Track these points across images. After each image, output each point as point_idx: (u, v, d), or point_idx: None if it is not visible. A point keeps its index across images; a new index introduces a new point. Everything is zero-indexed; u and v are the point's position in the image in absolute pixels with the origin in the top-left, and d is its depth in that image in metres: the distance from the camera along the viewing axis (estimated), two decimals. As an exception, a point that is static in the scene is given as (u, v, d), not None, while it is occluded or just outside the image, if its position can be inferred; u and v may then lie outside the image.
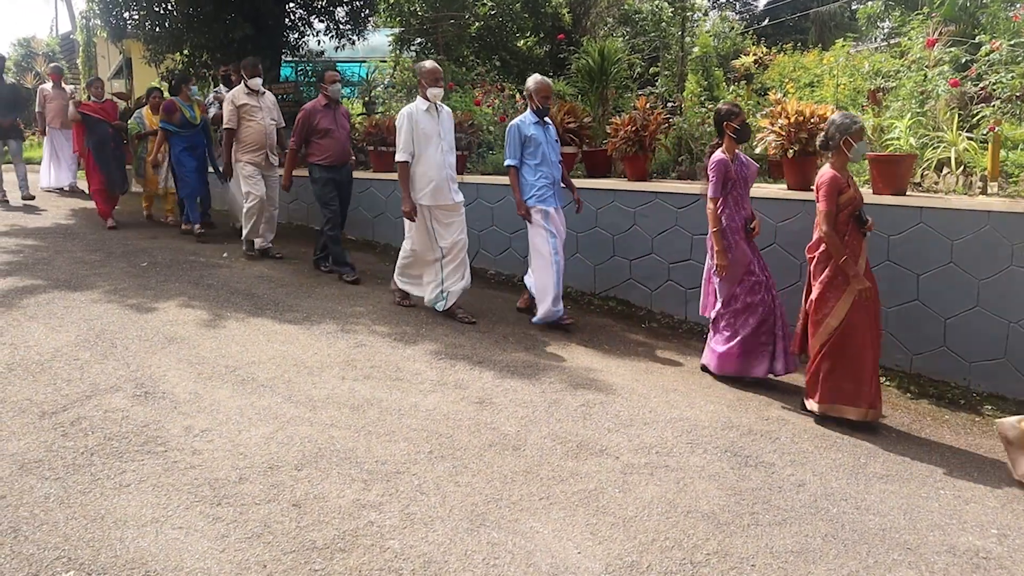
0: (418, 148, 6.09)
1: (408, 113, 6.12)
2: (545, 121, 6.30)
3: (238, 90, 7.98)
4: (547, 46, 14.24)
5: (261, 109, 7.98)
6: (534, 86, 6.20)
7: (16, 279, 6.53)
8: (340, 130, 7.43)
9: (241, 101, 7.90)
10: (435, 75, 6.16)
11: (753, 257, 5.36)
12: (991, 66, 6.46)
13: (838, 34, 18.21)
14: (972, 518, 3.64)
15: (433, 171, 6.10)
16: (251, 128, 7.91)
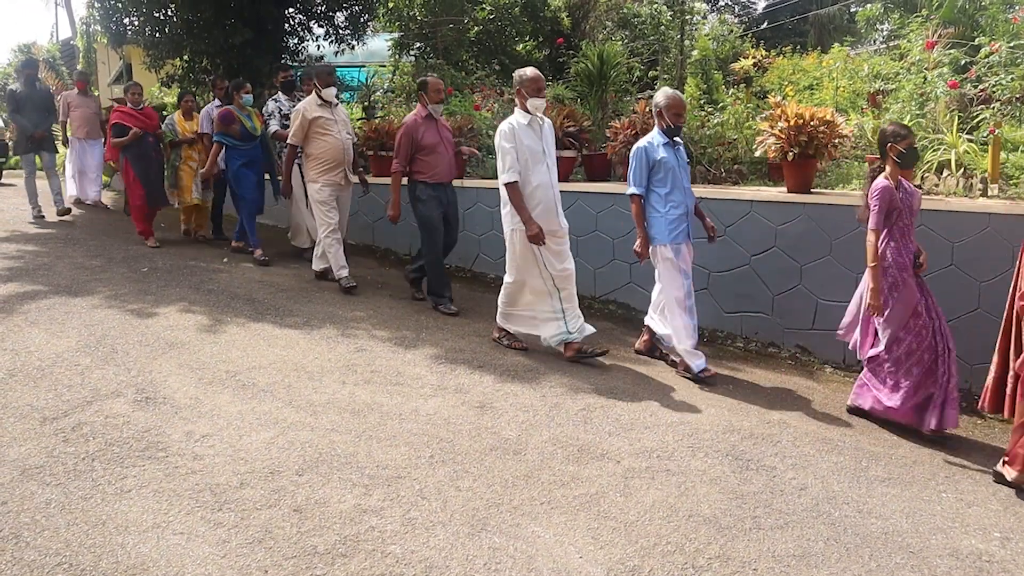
0: (523, 167, 5.41)
1: (511, 127, 5.42)
2: (676, 141, 5.52)
3: (310, 102, 7.17)
4: (546, 50, 14.26)
5: (336, 122, 7.22)
6: (665, 101, 5.42)
7: (17, 284, 6.53)
8: (445, 144, 6.64)
9: (314, 114, 7.08)
10: (538, 84, 5.49)
11: (922, 297, 4.71)
12: (990, 68, 6.47)
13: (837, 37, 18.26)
14: (975, 521, 3.64)
15: (540, 192, 5.43)
16: (326, 143, 7.11)
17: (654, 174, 5.40)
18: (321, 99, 7.13)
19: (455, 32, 13.16)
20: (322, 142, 7.11)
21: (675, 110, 5.41)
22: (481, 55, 13.66)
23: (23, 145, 9.99)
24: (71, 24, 24.71)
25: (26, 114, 9.88)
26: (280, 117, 8.41)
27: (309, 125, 7.07)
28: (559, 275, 5.49)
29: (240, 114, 7.94)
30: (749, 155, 7.11)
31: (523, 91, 5.48)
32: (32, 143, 9.93)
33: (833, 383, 5.49)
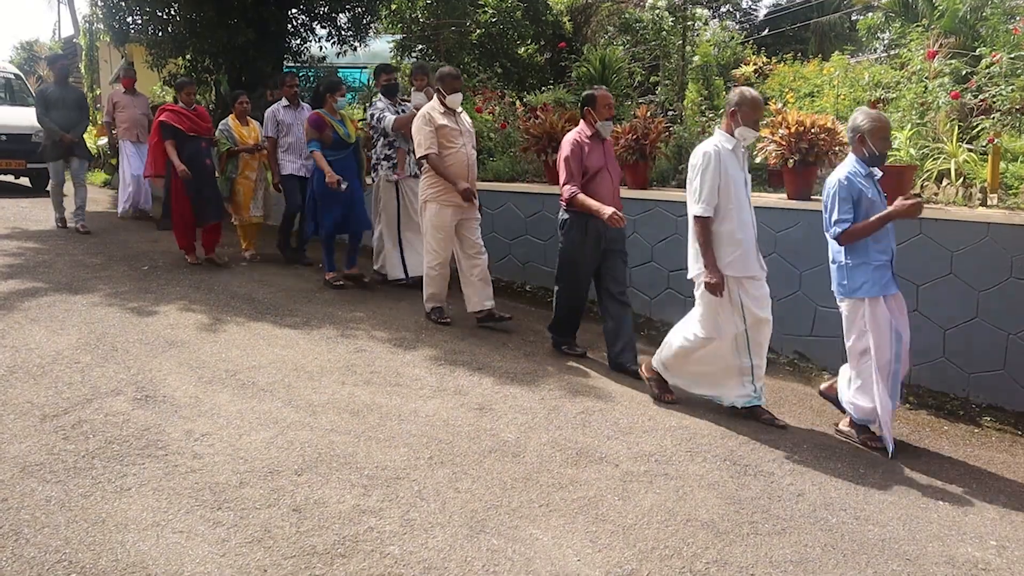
0: (723, 200, 4.61)
1: (714, 152, 4.61)
2: (875, 172, 4.59)
3: (432, 108, 6.17)
4: (548, 54, 14.28)
5: (462, 133, 6.20)
6: (870, 124, 4.44)
7: (17, 282, 6.54)
8: (611, 170, 5.59)
9: (440, 122, 6.08)
10: (758, 113, 4.72)
11: None
12: (991, 78, 6.49)
13: (838, 45, 18.30)
14: (971, 529, 3.65)
15: (742, 231, 4.64)
16: (451, 157, 6.06)
17: (857, 210, 4.41)
18: (445, 106, 6.15)
19: (457, 35, 13.19)
20: (446, 156, 6.07)
21: (882, 134, 4.46)
22: (483, 58, 13.67)
23: (53, 150, 8.98)
24: (73, 22, 24.72)
25: (57, 115, 8.91)
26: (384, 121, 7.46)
27: (435, 134, 6.04)
28: (755, 323, 4.70)
29: (332, 119, 7.08)
30: (750, 161, 7.13)
31: (738, 114, 4.65)
32: (63, 148, 8.96)
33: (831, 390, 5.50)
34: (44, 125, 8.97)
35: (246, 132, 8.10)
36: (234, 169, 8.05)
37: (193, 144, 7.61)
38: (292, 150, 8.12)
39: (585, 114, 5.54)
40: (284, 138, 8.10)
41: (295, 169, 8.11)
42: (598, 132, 5.50)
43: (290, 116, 8.15)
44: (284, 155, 8.13)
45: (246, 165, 8.07)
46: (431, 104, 6.25)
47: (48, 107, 8.89)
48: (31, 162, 11.76)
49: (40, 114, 8.93)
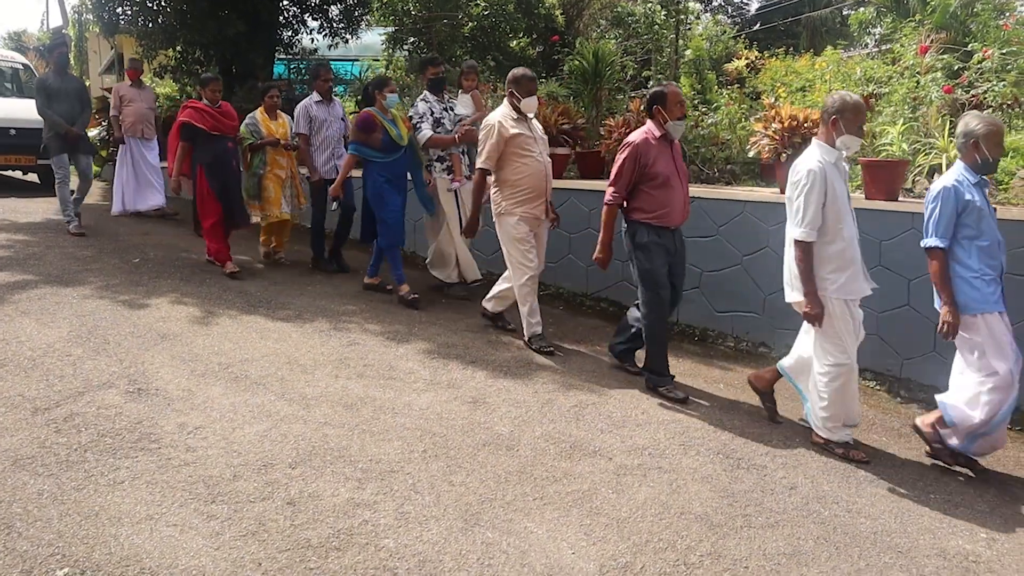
0: (830, 219, 4.18)
1: (819, 169, 4.14)
2: (983, 180, 4.22)
3: (504, 116, 5.61)
4: (540, 47, 14.28)
5: (536, 140, 5.66)
6: (985, 128, 4.09)
7: (7, 274, 6.49)
8: (681, 176, 5.08)
9: (512, 130, 5.54)
10: (862, 111, 4.28)
11: None
12: (982, 74, 6.52)
13: (829, 39, 18.33)
14: (962, 522, 3.68)
15: (851, 251, 4.24)
16: (526, 167, 5.54)
17: (963, 219, 4.09)
18: (518, 112, 5.62)
19: (449, 28, 13.15)
20: (521, 165, 5.54)
21: (997, 139, 4.12)
22: (475, 51, 13.64)
23: (56, 145, 8.35)
24: (62, 12, 24.56)
25: (59, 107, 8.32)
26: (432, 121, 6.79)
27: (505, 144, 5.56)
28: None
29: (383, 118, 6.41)
30: (742, 155, 7.15)
31: (840, 122, 4.20)
32: (67, 143, 8.38)
33: (823, 384, 5.52)
34: (47, 118, 8.35)
35: (275, 127, 7.59)
36: (261, 164, 7.52)
37: (218, 144, 7.07)
38: (323, 148, 7.58)
39: (654, 113, 5.01)
40: (314, 135, 7.54)
41: (326, 171, 7.55)
42: (667, 133, 5.01)
43: (323, 112, 7.56)
44: (315, 154, 7.58)
45: (274, 161, 7.57)
46: (503, 111, 5.64)
47: (49, 98, 8.32)
48: (41, 158, 10.80)
49: (41, 106, 8.32)
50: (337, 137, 7.61)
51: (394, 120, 6.48)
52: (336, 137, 7.60)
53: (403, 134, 6.49)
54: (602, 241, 5.07)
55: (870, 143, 6.45)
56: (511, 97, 5.62)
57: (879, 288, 5.40)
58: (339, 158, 7.50)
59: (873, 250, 5.47)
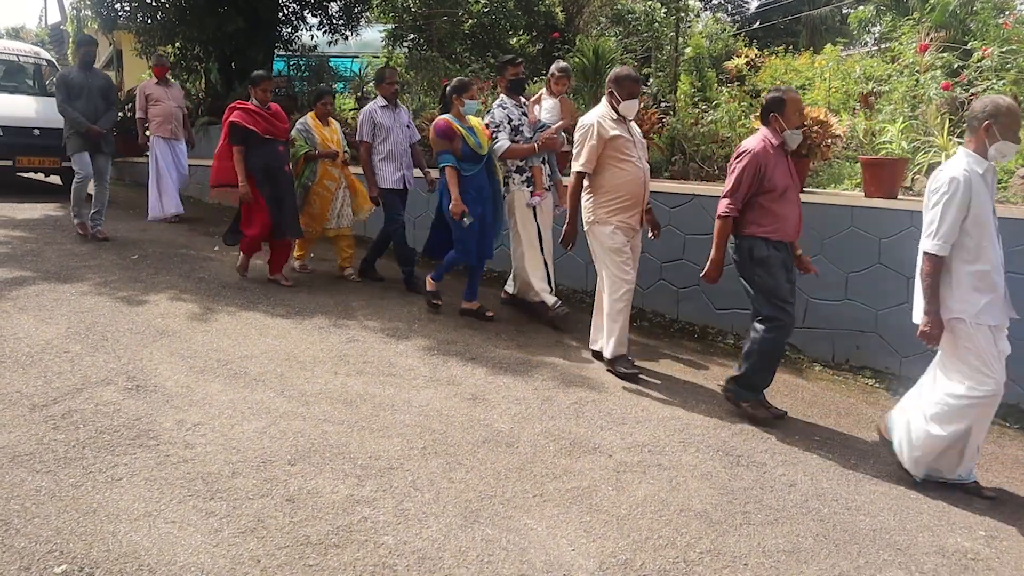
0: (975, 235, 3.78)
1: (964, 179, 3.75)
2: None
3: (603, 116, 5.18)
4: (540, 44, 14.26)
5: (635, 144, 5.26)
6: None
7: (5, 271, 6.48)
8: (796, 188, 4.76)
9: (612, 132, 5.12)
10: (1018, 115, 3.84)
11: None
12: (981, 72, 6.52)
13: (829, 38, 18.34)
14: (961, 520, 3.68)
15: (996, 275, 3.83)
16: (624, 173, 5.14)
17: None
18: (617, 113, 5.21)
19: (449, 24, 13.15)
20: (618, 171, 5.14)
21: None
22: (475, 48, 13.65)
23: (76, 142, 7.85)
24: (60, 8, 24.51)
25: (81, 104, 7.86)
26: (510, 129, 6.16)
27: (603, 148, 5.14)
28: None
29: (461, 126, 5.93)
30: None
31: (994, 127, 3.80)
32: (88, 141, 7.85)
33: (822, 381, 5.53)
34: (67, 115, 7.85)
35: (327, 134, 7.03)
36: (311, 175, 6.97)
37: (269, 148, 6.52)
38: (391, 158, 6.86)
39: (771, 120, 4.65)
40: (380, 144, 6.84)
41: (395, 181, 6.85)
42: (784, 142, 4.66)
43: (388, 117, 6.86)
44: (381, 164, 6.85)
45: (325, 172, 6.99)
46: (600, 111, 5.24)
47: (71, 95, 7.85)
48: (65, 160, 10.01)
49: (62, 102, 7.86)
50: (404, 146, 6.95)
51: (472, 128, 5.96)
52: (403, 146, 6.95)
53: (483, 143, 5.97)
54: (714, 260, 4.65)
55: (869, 141, 6.46)
56: (610, 97, 5.21)
57: (878, 286, 5.41)
58: (407, 168, 6.94)
59: (872, 248, 5.47)
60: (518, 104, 6.30)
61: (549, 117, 6.50)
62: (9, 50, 12.33)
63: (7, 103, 10.79)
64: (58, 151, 10.09)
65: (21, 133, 10.42)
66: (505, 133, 6.10)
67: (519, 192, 6.22)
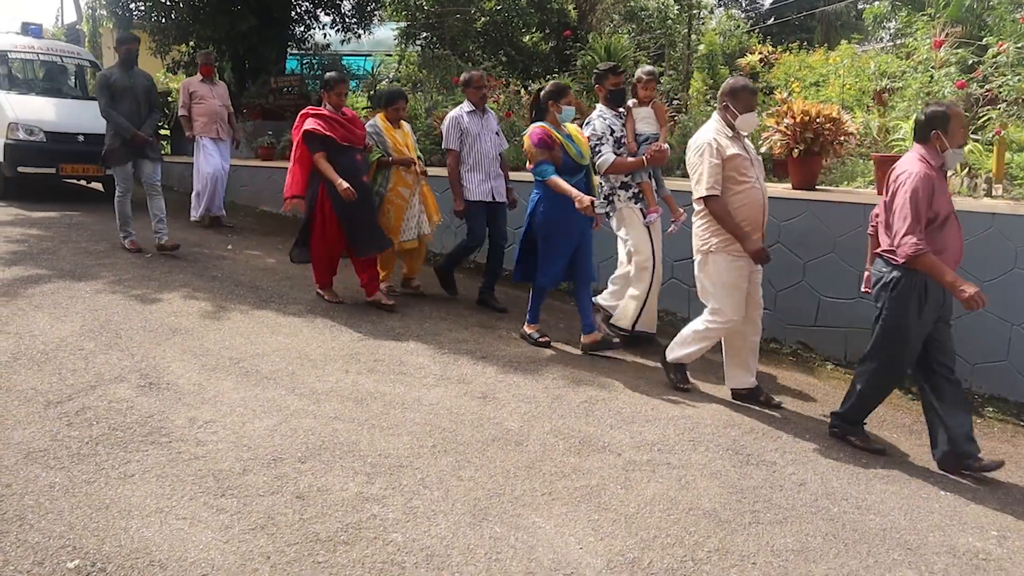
0: None
1: None
2: None
3: (716, 130, 4.71)
4: (553, 42, 14.24)
5: (753, 163, 4.74)
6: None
7: (21, 268, 6.55)
8: (955, 215, 4.23)
9: (729, 150, 4.62)
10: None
11: None
12: (997, 68, 6.45)
13: (844, 34, 18.21)
14: (972, 519, 3.66)
15: None
16: (743, 195, 4.63)
17: None
18: (731, 128, 4.73)
19: (462, 22, 13.15)
20: (737, 193, 4.61)
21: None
22: (488, 46, 13.64)
23: (119, 153, 7.35)
24: (76, 8, 24.63)
25: (124, 108, 7.34)
26: (612, 141, 5.70)
27: (723, 167, 4.62)
28: None
29: (559, 133, 5.43)
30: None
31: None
32: (132, 150, 7.35)
33: (834, 379, 5.50)
34: (111, 120, 7.31)
35: (399, 137, 6.48)
36: (384, 182, 6.39)
37: (346, 157, 6.00)
38: (478, 167, 6.38)
39: (932, 138, 4.12)
40: (467, 152, 6.38)
41: (482, 193, 6.38)
42: (945, 162, 4.15)
43: (476, 124, 6.42)
44: (468, 174, 6.38)
45: (400, 179, 6.40)
46: (714, 126, 4.74)
47: (114, 98, 7.32)
48: None
49: (104, 106, 7.33)
50: (493, 155, 6.45)
51: (570, 136, 5.47)
52: (492, 155, 6.44)
53: (584, 152, 5.49)
54: (951, 284, 3.98)
55: (883, 139, 6.41)
56: (725, 111, 4.72)
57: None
58: (495, 179, 6.45)
59: (885, 246, 5.43)
60: (618, 115, 5.81)
61: (646, 127, 5.84)
62: (52, 50, 11.62)
63: (50, 108, 10.31)
64: None
65: (65, 139, 9.96)
66: (609, 146, 5.64)
67: (628, 209, 5.70)
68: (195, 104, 9.07)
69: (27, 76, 11.25)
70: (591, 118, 5.81)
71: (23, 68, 11.30)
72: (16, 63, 11.08)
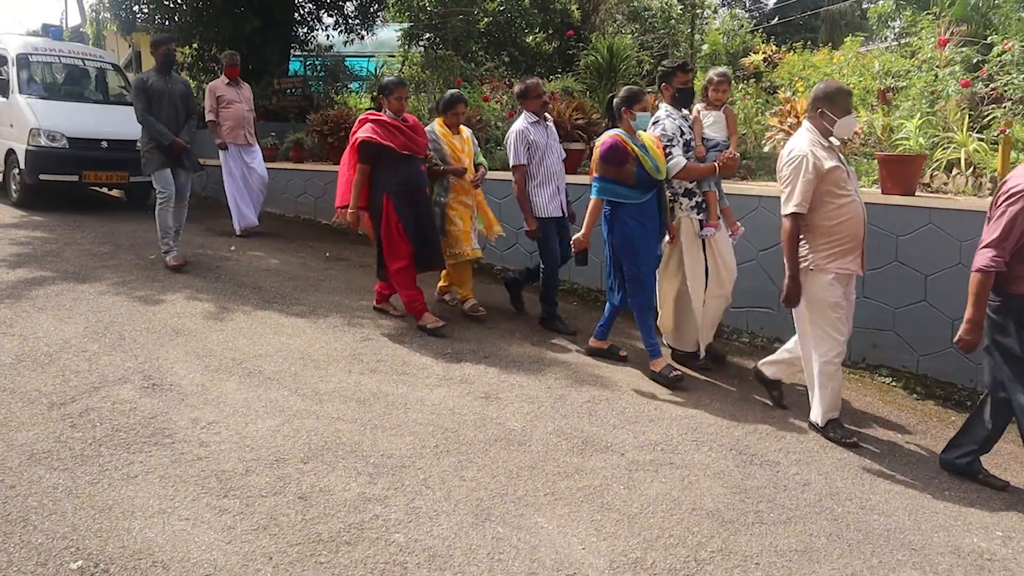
0: None
1: None
2: None
3: (811, 140, 4.29)
4: (556, 42, 14.24)
5: (849, 175, 4.37)
6: None
7: (25, 270, 6.56)
8: None
9: (827, 163, 4.23)
10: None
11: None
12: (1003, 67, 6.44)
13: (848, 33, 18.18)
14: (977, 519, 3.64)
15: None
16: (843, 211, 4.27)
17: None
18: (826, 137, 4.33)
19: (465, 23, 13.16)
20: (836, 208, 4.27)
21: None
22: (491, 47, 13.66)
23: (157, 158, 6.94)
24: (80, 11, 24.71)
25: (162, 114, 6.97)
26: (682, 144, 5.24)
27: (818, 179, 4.23)
28: None
29: (633, 143, 4.96)
30: (758, 150, 7.10)
31: None
32: (170, 157, 6.98)
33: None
34: (149, 126, 6.92)
35: (458, 144, 6.07)
36: (443, 192, 6.03)
37: (409, 167, 5.60)
38: (547, 182, 5.90)
39: None
40: (534, 166, 5.88)
41: (553, 209, 5.90)
42: None
43: (541, 136, 5.91)
44: (537, 190, 5.88)
45: (460, 186, 6.04)
46: (809, 136, 4.33)
47: (151, 103, 6.95)
48: (135, 175, 9.34)
49: (141, 112, 6.93)
50: (559, 167, 6.03)
51: (646, 147, 4.98)
52: (558, 166, 6.02)
53: (660, 165, 5.00)
54: (973, 320, 3.79)
55: (887, 138, 6.40)
56: (820, 119, 4.31)
57: (895, 284, 5.37)
58: (563, 192, 6.03)
59: (890, 245, 5.42)
60: (684, 117, 5.39)
61: (714, 132, 5.41)
62: (73, 53, 11.19)
63: (73, 113, 9.95)
64: (126, 165, 9.50)
65: (88, 146, 9.61)
66: (679, 149, 5.20)
67: (686, 219, 5.29)
68: (221, 108, 8.67)
69: (48, 80, 10.85)
70: (659, 117, 5.33)
71: (44, 72, 10.83)
72: (37, 66, 10.59)
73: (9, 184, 10.03)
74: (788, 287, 4.28)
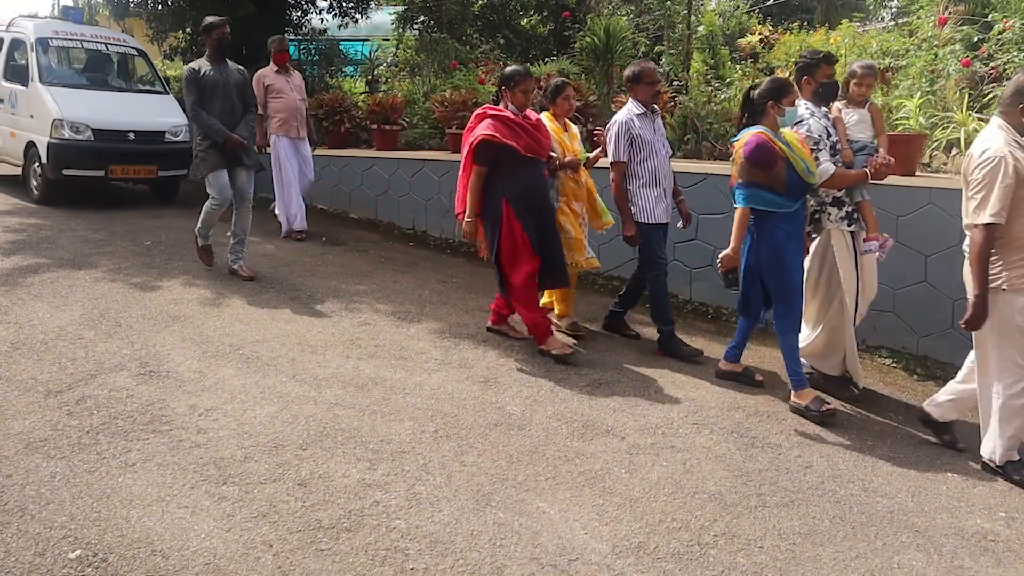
0: None
1: None
2: None
3: (1007, 139, 3.71)
4: (551, 24, 14.12)
5: None
6: None
7: (20, 258, 6.51)
8: None
9: None
10: None
11: None
12: (1002, 46, 6.39)
13: (845, 13, 18.06)
14: (980, 501, 3.63)
15: None
16: None
17: None
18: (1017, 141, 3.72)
19: (459, 6, 13.03)
20: None
21: None
22: (485, 29, 13.54)
23: (213, 158, 6.16)
24: (72, -5, 24.47)
25: (216, 108, 6.16)
26: (829, 147, 4.56)
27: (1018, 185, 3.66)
28: None
29: (780, 142, 4.31)
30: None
31: None
32: (226, 156, 6.20)
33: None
34: (202, 123, 6.13)
35: (566, 139, 5.39)
36: (554, 196, 5.33)
37: (532, 170, 4.94)
38: (654, 183, 5.20)
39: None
40: (639, 164, 5.18)
41: (660, 214, 5.22)
42: None
43: (648, 129, 5.19)
44: (642, 191, 5.18)
45: (570, 188, 5.38)
46: (1003, 135, 3.73)
47: (204, 96, 6.13)
48: (164, 169, 9.00)
49: (194, 106, 6.13)
50: (668, 166, 5.32)
51: (791, 145, 4.34)
52: (667, 166, 5.31)
53: (811, 166, 4.36)
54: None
55: (886, 118, 6.35)
56: (1020, 115, 3.74)
57: (895, 265, 5.34)
58: (671, 194, 5.37)
59: (890, 225, 5.38)
60: (826, 116, 4.70)
61: (860, 133, 4.79)
62: (97, 38, 10.27)
63: (98, 102, 9.23)
64: (155, 158, 9.07)
65: (114, 138, 8.92)
66: (827, 153, 4.53)
67: (837, 232, 4.61)
68: (271, 99, 7.89)
69: (71, 66, 10.09)
70: (802, 116, 4.58)
71: (65, 58, 10.04)
72: (57, 52, 9.76)
73: (29, 180, 9.35)
74: (974, 307, 3.73)
